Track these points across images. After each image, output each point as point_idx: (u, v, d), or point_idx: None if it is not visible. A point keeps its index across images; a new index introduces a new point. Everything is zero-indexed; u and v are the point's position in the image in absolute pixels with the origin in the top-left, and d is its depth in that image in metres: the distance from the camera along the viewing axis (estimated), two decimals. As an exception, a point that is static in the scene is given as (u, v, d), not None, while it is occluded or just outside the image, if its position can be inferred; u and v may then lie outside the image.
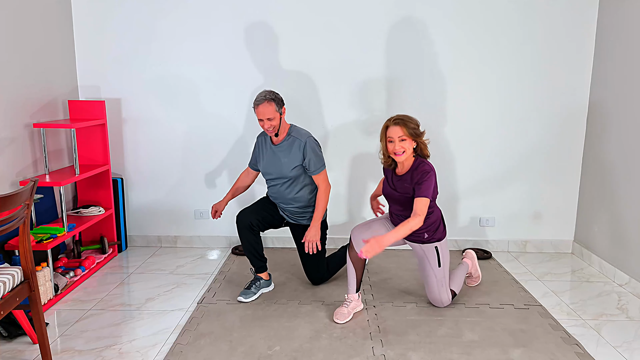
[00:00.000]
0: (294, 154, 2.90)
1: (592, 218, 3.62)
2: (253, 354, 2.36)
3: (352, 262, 2.75)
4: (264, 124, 2.82)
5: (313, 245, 2.92)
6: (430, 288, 2.80)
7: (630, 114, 3.18)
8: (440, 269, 2.75)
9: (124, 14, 3.65)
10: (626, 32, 3.23)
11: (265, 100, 2.78)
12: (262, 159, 3.05)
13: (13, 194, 1.99)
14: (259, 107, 2.79)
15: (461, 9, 3.58)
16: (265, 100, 2.78)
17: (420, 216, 2.54)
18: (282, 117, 2.86)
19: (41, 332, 2.19)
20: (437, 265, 2.75)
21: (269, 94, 2.80)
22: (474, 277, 3.15)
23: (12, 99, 3.01)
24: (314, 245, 2.92)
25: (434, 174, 2.63)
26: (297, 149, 2.89)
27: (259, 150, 3.08)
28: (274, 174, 2.99)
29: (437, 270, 2.76)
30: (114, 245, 3.75)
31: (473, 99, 3.70)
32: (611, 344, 2.49)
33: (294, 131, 2.95)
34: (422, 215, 2.54)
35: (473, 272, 3.13)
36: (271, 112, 2.79)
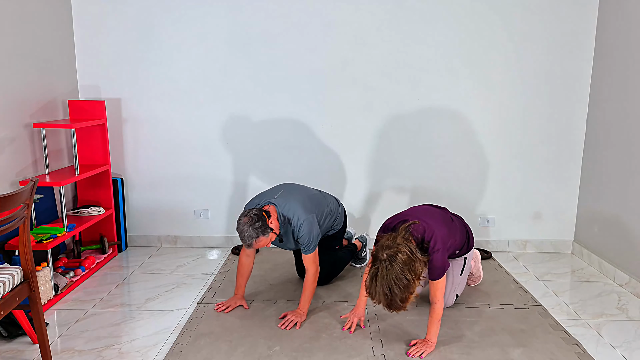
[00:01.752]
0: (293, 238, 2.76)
1: (592, 218, 3.62)
2: (253, 354, 2.36)
3: None
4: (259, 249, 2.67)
5: (290, 325, 2.63)
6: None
7: (630, 114, 3.18)
8: (460, 277, 2.74)
9: (124, 14, 3.65)
10: (626, 32, 3.23)
11: (255, 242, 2.53)
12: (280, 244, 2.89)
13: (13, 194, 1.99)
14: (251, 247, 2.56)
15: (461, 8, 3.58)
16: (254, 242, 2.53)
17: (439, 302, 2.34)
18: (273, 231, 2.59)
19: (41, 332, 2.19)
20: (460, 273, 2.73)
21: (252, 233, 2.50)
22: (475, 277, 3.14)
23: (12, 99, 3.01)
24: (292, 324, 2.64)
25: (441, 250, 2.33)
26: (292, 235, 2.73)
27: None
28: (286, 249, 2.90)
29: (457, 278, 2.74)
30: (114, 245, 3.75)
31: (473, 99, 3.70)
32: (611, 344, 2.48)
33: (286, 220, 2.69)
34: (441, 300, 2.34)
35: (474, 272, 3.12)
36: (265, 242, 2.56)
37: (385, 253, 2.16)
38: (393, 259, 2.14)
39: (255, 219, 2.52)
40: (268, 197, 2.78)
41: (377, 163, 3.80)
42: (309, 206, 2.74)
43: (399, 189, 3.84)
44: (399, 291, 2.12)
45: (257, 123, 3.77)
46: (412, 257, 2.16)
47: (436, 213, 2.55)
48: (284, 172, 3.82)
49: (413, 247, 2.20)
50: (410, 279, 2.14)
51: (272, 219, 2.62)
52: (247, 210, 2.59)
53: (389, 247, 2.18)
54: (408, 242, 2.21)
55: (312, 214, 2.71)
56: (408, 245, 2.19)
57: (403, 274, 2.12)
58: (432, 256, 2.31)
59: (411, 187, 3.83)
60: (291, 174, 3.81)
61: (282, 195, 2.76)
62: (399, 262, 2.13)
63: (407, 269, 2.13)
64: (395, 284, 2.11)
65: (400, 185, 3.83)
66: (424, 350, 2.36)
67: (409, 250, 2.17)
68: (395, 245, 2.17)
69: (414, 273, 2.15)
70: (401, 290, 2.12)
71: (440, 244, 2.33)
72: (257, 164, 3.83)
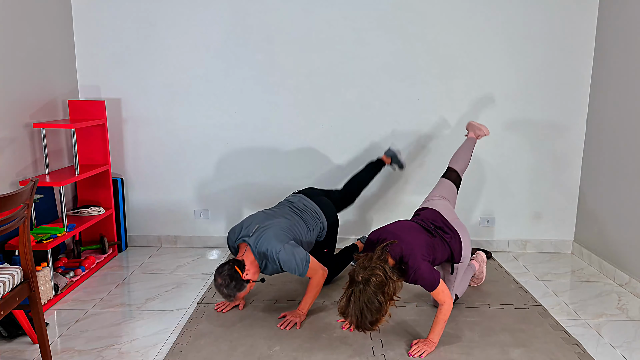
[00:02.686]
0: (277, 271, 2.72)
1: (592, 218, 3.62)
2: (253, 354, 2.36)
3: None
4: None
5: (290, 325, 2.64)
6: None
7: (630, 114, 3.18)
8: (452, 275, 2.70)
9: (124, 14, 3.65)
10: (626, 31, 3.23)
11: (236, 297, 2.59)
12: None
13: (13, 194, 1.99)
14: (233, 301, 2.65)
15: (461, 8, 3.58)
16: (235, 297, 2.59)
17: (445, 304, 2.36)
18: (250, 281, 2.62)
19: (41, 332, 2.19)
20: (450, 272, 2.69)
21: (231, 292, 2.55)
22: (477, 278, 3.14)
23: (12, 99, 3.01)
24: (291, 324, 2.64)
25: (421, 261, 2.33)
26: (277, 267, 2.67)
27: None
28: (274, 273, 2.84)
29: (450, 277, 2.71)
30: (114, 245, 3.75)
31: (473, 99, 3.70)
32: (611, 344, 2.49)
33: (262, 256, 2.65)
34: (448, 301, 2.36)
35: (477, 274, 3.12)
36: (244, 293, 2.62)
37: (360, 275, 2.19)
38: (367, 282, 2.16)
39: (228, 280, 2.55)
40: (245, 232, 2.73)
41: (377, 163, 3.80)
42: (281, 236, 2.67)
43: (399, 189, 3.84)
44: (370, 315, 2.16)
45: (257, 123, 3.77)
46: (386, 279, 2.18)
47: (416, 229, 2.51)
48: (283, 172, 3.82)
49: (388, 269, 2.22)
50: (383, 302, 2.16)
51: (248, 264, 2.62)
52: (220, 268, 2.60)
53: (364, 267, 2.21)
54: (384, 263, 2.23)
55: (287, 243, 2.64)
56: (383, 267, 2.21)
57: (376, 297, 2.15)
58: (416, 274, 2.31)
59: (411, 187, 3.83)
60: (291, 174, 3.81)
61: (256, 231, 2.70)
62: (372, 285, 2.15)
63: (380, 292, 2.16)
64: (367, 307, 2.15)
65: (400, 186, 3.83)
66: (424, 350, 2.36)
67: (383, 272, 2.19)
68: (371, 267, 2.19)
69: (386, 295, 2.18)
70: (372, 313, 2.16)
71: (419, 261, 2.32)
72: (257, 163, 3.83)
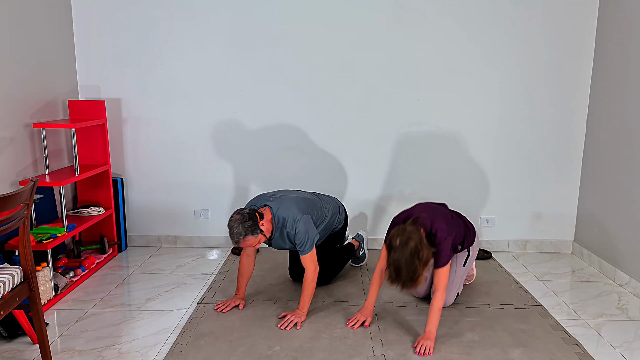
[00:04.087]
0: (289, 239, 2.75)
1: (592, 218, 3.62)
2: (253, 354, 2.36)
3: None
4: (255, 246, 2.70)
5: (290, 325, 2.64)
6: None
7: (630, 114, 3.18)
8: (463, 268, 2.79)
9: (124, 14, 3.65)
10: (626, 32, 3.23)
11: (242, 240, 2.54)
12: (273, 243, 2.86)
13: (13, 194, 1.99)
14: (238, 245, 2.59)
15: (462, 8, 3.58)
16: (241, 240, 2.54)
17: (441, 290, 2.44)
18: (263, 236, 2.63)
19: (41, 332, 2.19)
20: (463, 264, 2.77)
21: (240, 231, 2.52)
22: (469, 276, 3.16)
23: (12, 99, 3.01)
24: (292, 324, 2.64)
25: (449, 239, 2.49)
26: (287, 237, 2.72)
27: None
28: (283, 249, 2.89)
29: (460, 269, 2.78)
30: (114, 245, 3.75)
31: (473, 99, 3.70)
32: (611, 344, 2.49)
33: (280, 221, 2.69)
34: (443, 288, 2.45)
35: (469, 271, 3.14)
36: (253, 242, 2.58)
37: (398, 240, 2.35)
38: (405, 244, 2.32)
39: (246, 217, 2.54)
40: (264, 200, 2.79)
41: (377, 163, 3.80)
42: (303, 207, 2.76)
43: (399, 189, 3.84)
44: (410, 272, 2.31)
45: (257, 123, 3.77)
46: (420, 245, 2.34)
47: (437, 209, 2.67)
48: (283, 173, 3.82)
49: (423, 235, 2.39)
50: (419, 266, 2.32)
51: (265, 220, 2.64)
52: (240, 209, 2.60)
53: (400, 234, 2.36)
54: (418, 230, 2.39)
55: (307, 214, 2.72)
56: (418, 233, 2.37)
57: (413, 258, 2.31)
58: (439, 246, 2.46)
59: (411, 187, 3.82)
60: (291, 175, 3.81)
61: (277, 197, 2.79)
62: (410, 247, 2.31)
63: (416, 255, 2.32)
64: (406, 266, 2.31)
65: (400, 186, 3.83)
66: (428, 345, 2.39)
67: (419, 237, 2.35)
68: (407, 233, 2.35)
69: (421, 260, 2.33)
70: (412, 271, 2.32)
71: (446, 234, 2.49)
72: (257, 163, 3.83)
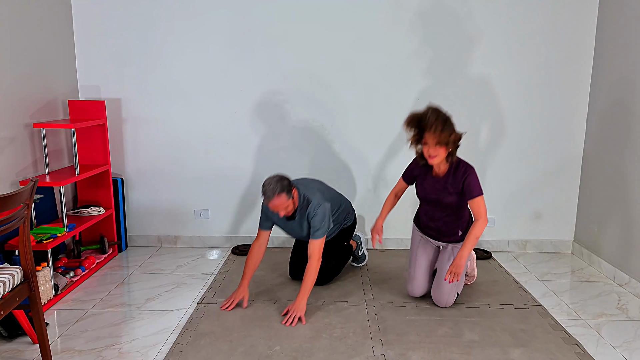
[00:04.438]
0: (307, 222, 2.85)
1: (592, 218, 3.62)
2: (253, 354, 2.36)
3: None
4: (280, 213, 2.72)
5: (294, 320, 2.66)
6: (443, 287, 2.79)
7: (630, 114, 3.18)
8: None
9: (124, 14, 3.65)
10: (626, 32, 3.23)
11: (275, 195, 2.61)
12: (277, 222, 2.95)
13: (13, 194, 1.99)
14: (270, 202, 2.64)
15: (462, 8, 3.58)
16: (274, 196, 2.61)
17: (483, 218, 2.59)
18: (294, 202, 2.76)
19: (41, 332, 2.19)
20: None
21: (276, 186, 2.62)
22: (470, 276, 3.15)
23: (12, 99, 3.01)
24: (295, 320, 2.67)
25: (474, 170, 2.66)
26: (307, 219, 2.83)
27: (271, 215, 2.91)
28: (295, 235, 3.00)
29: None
30: (114, 245, 3.75)
31: (473, 98, 3.70)
32: (611, 344, 2.49)
33: (305, 201, 2.82)
34: (484, 217, 2.59)
35: (469, 271, 3.13)
36: (284, 203, 2.66)
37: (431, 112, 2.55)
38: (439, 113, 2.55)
39: (283, 178, 2.69)
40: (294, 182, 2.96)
41: (377, 163, 3.80)
42: (327, 195, 2.99)
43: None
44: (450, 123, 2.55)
45: (257, 123, 3.77)
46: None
47: None
48: (284, 172, 3.82)
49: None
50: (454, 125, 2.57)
51: (295, 193, 2.79)
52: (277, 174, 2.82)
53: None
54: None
55: (328, 203, 2.85)
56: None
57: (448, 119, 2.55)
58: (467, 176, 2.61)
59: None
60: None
61: (302, 182, 2.98)
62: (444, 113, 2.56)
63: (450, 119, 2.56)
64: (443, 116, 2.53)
65: (400, 185, 3.83)
66: (456, 271, 2.63)
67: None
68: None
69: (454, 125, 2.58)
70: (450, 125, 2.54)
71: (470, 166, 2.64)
72: (257, 163, 3.83)
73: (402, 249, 3.87)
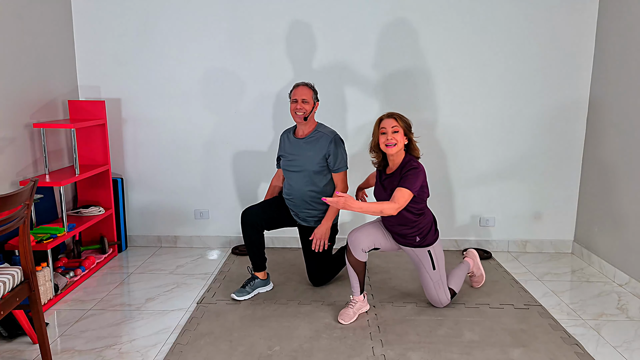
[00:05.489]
0: (320, 148, 2.93)
1: (592, 218, 3.62)
2: (253, 354, 2.36)
3: (352, 266, 2.74)
4: (297, 105, 2.89)
5: (321, 244, 2.94)
6: (428, 290, 2.80)
7: (630, 113, 3.18)
8: (435, 271, 2.75)
9: (124, 14, 3.65)
10: (626, 31, 3.23)
11: (306, 85, 2.93)
12: (285, 153, 3.06)
13: (13, 194, 1.99)
14: (298, 87, 2.91)
15: (462, 8, 3.58)
16: (305, 85, 2.93)
17: (397, 204, 2.48)
18: (314, 109, 2.94)
19: (41, 332, 2.19)
20: (432, 268, 2.74)
21: (309, 83, 2.97)
22: (477, 277, 3.14)
23: (12, 99, 3.01)
24: (322, 244, 2.94)
25: (423, 172, 2.60)
26: (324, 143, 2.92)
27: (284, 145, 3.10)
28: (297, 167, 2.99)
29: (433, 273, 2.75)
30: (114, 245, 3.75)
31: (473, 99, 3.70)
32: (611, 344, 2.49)
33: (322, 127, 3.00)
34: (399, 205, 2.49)
35: (476, 272, 3.12)
36: (308, 95, 2.89)
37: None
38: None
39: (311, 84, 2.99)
40: None
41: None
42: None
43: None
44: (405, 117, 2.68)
45: (257, 123, 3.77)
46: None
47: None
48: (284, 172, 3.82)
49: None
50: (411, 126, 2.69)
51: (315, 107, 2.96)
52: None
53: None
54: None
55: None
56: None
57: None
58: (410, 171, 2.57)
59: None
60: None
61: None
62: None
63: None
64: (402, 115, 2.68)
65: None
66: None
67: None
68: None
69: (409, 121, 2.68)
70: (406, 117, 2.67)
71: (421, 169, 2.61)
72: (257, 164, 3.83)
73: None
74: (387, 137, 2.59)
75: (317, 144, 2.94)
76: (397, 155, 2.65)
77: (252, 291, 3.00)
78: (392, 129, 2.59)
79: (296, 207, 3.06)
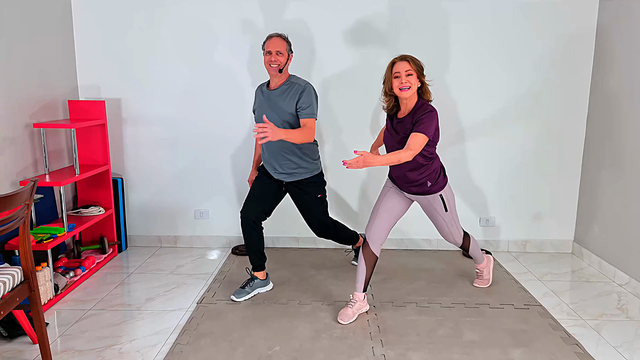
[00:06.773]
0: (292, 98, 2.83)
1: (592, 218, 3.62)
2: (253, 354, 2.36)
3: (365, 259, 2.73)
4: (272, 57, 2.82)
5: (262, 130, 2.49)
6: (443, 231, 2.86)
7: (629, 113, 3.18)
8: (447, 213, 2.79)
9: (124, 14, 3.65)
10: (626, 33, 3.23)
11: (280, 36, 2.86)
12: (259, 107, 2.97)
13: (13, 194, 1.99)
14: (272, 39, 2.84)
15: (462, 7, 3.58)
16: (279, 36, 2.86)
17: (412, 151, 2.45)
18: (288, 61, 2.88)
19: (41, 332, 2.19)
20: (444, 210, 2.77)
21: (282, 34, 2.89)
22: (484, 279, 3.16)
23: (12, 99, 3.01)
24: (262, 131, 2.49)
25: (436, 115, 2.55)
26: (295, 92, 2.83)
27: (257, 100, 3.00)
28: (270, 117, 2.86)
29: (445, 215, 2.79)
30: (114, 245, 3.75)
31: (473, 99, 3.70)
32: (611, 344, 2.49)
33: (294, 78, 2.92)
34: (414, 151, 2.45)
35: (485, 274, 3.15)
36: (282, 47, 2.83)
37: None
38: None
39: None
40: None
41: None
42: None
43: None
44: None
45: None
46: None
47: None
48: (284, 172, 3.82)
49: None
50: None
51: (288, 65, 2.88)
52: None
53: None
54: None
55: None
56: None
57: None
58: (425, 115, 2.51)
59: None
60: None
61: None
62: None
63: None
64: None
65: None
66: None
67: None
68: None
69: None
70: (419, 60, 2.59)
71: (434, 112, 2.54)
72: (257, 164, 3.83)
73: (402, 249, 3.87)
74: (400, 80, 2.54)
75: (289, 94, 2.85)
76: (410, 99, 2.60)
77: (251, 291, 3.00)
78: (405, 72, 2.53)
79: (279, 167, 2.93)
